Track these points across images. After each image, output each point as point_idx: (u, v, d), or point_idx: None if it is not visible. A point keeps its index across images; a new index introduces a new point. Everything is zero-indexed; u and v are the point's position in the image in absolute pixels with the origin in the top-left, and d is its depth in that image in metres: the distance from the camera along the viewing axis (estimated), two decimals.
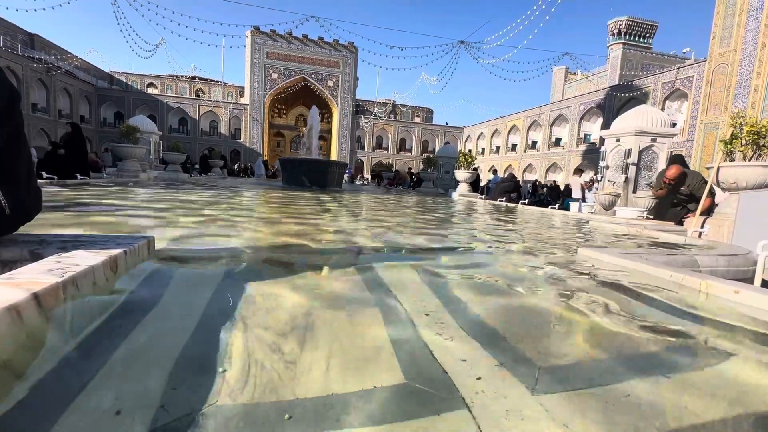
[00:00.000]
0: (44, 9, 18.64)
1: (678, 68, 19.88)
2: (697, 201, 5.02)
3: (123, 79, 38.86)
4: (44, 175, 6.79)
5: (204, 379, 0.74)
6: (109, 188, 5.97)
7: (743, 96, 14.66)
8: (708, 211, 4.89)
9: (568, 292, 1.54)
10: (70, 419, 0.61)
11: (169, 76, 39.87)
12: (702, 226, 4.55)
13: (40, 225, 2.21)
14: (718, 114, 15.61)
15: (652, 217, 5.45)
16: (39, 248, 1.35)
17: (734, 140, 4.47)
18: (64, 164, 7.42)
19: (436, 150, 31.51)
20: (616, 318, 1.25)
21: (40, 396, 0.66)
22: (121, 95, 33.91)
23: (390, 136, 40.74)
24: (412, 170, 23.07)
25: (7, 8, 19.33)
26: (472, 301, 1.35)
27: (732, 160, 4.59)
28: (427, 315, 1.16)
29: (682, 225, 4.94)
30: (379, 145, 40.90)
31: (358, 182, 28.19)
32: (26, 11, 18.59)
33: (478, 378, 0.80)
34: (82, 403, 0.65)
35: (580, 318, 1.26)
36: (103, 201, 4.14)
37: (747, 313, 1.36)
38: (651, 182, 6.68)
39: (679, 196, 5.35)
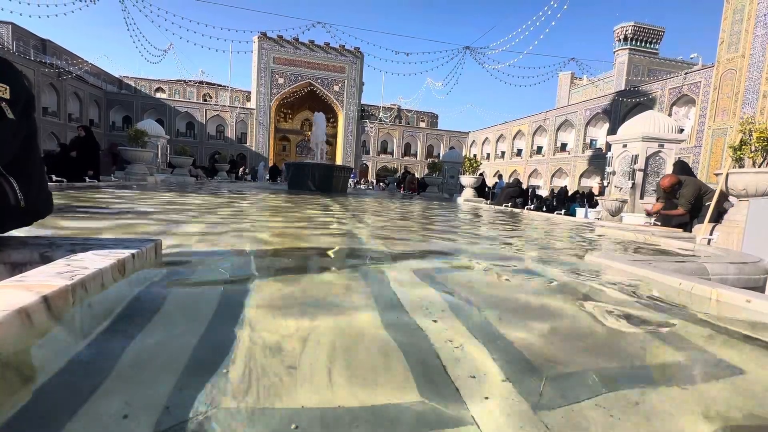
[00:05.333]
0: (56, 15, 18.98)
1: (685, 74, 19.75)
2: (700, 209, 4.98)
3: (132, 83, 39.43)
4: (54, 177, 6.88)
5: (210, 380, 0.73)
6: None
7: (752, 101, 14.52)
8: (717, 218, 4.83)
9: (574, 299, 1.52)
10: (80, 422, 0.61)
11: (177, 80, 40.38)
12: (711, 234, 4.49)
13: (48, 226, 2.24)
14: (727, 120, 15.47)
15: (659, 223, 5.40)
16: (48, 251, 1.37)
17: (743, 146, 4.42)
18: (74, 166, 7.52)
19: (441, 155, 31.51)
20: (625, 326, 1.24)
21: (49, 398, 0.66)
22: (129, 99, 34.35)
23: (395, 140, 40.80)
24: (414, 174, 22.68)
25: (20, 14, 19.71)
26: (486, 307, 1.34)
27: (741, 166, 4.53)
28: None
29: (690, 232, 4.89)
30: (384, 149, 40.97)
31: (362, 186, 28.25)
32: (39, 17, 18.95)
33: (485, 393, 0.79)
34: (91, 405, 0.65)
35: (588, 325, 1.24)
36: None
37: (760, 321, 1.34)
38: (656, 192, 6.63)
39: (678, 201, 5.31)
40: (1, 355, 0.73)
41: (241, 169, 24.08)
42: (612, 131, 20.38)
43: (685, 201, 4.98)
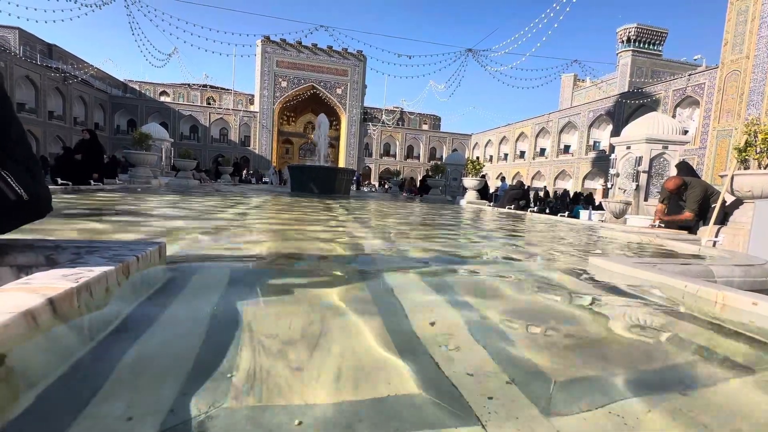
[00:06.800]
0: (63, 20, 19.19)
1: (689, 75, 19.68)
2: (707, 211, 4.92)
3: (136, 87, 39.71)
4: (59, 181, 6.93)
5: (214, 383, 0.74)
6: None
7: (757, 103, 14.43)
8: (721, 220, 4.79)
9: (577, 302, 1.51)
10: (82, 424, 0.61)
11: (181, 84, 40.64)
12: (716, 236, 4.46)
13: (53, 229, 2.26)
14: (731, 121, 15.38)
15: (663, 225, 5.36)
16: (54, 254, 1.38)
17: (748, 148, 4.39)
18: (79, 170, 7.57)
19: (444, 157, 31.49)
20: (629, 329, 1.23)
21: (53, 400, 0.67)
22: (134, 103, 34.63)
23: (398, 143, 40.86)
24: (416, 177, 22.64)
25: (27, 20, 19.97)
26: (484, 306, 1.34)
27: (746, 168, 4.51)
28: None
29: (695, 234, 4.85)
30: (386, 152, 41.02)
31: (365, 189, 28.29)
32: (45, 22, 19.19)
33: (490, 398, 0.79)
34: (94, 408, 0.65)
35: (593, 330, 1.23)
36: None
37: (766, 325, 1.32)
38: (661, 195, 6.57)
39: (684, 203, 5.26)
40: (7, 356, 0.74)
41: (244, 171, 24.22)
42: (615, 133, 20.30)
43: (693, 203, 4.90)
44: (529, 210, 9.59)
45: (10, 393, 0.68)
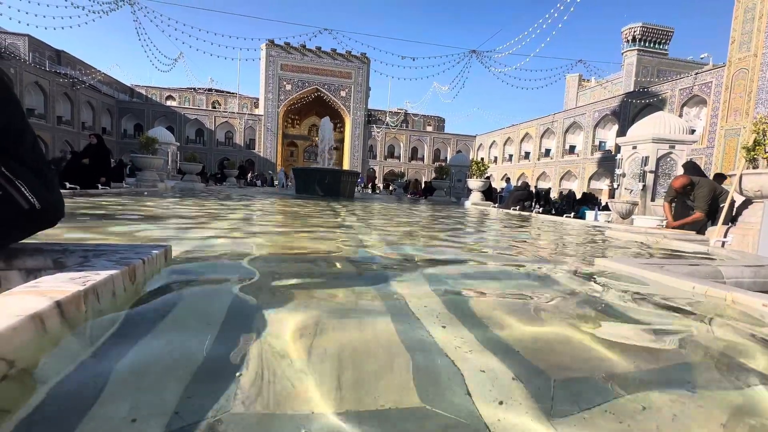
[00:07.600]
0: (71, 27, 19.48)
1: (696, 74, 19.49)
2: (716, 210, 4.85)
3: (143, 92, 40.20)
4: (67, 185, 7.01)
5: (220, 386, 0.74)
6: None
7: (765, 101, 14.27)
8: (730, 220, 4.73)
9: (583, 304, 1.50)
10: (88, 426, 0.61)
11: (187, 88, 41.06)
12: (725, 236, 4.40)
13: (61, 232, 2.28)
14: (739, 120, 15.21)
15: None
16: (62, 257, 1.39)
17: (757, 147, 4.33)
18: (87, 174, 7.66)
19: (448, 159, 31.46)
20: (634, 330, 1.21)
21: (59, 402, 0.67)
22: (141, 108, 35.03)
23: (402, 145, 40.88)
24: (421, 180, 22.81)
25: (36, 26, 20.29)
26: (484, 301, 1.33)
27: (755, 167, 4.44)
28: None
29: (703, 234, 4.79)
30: (391, 154, 41.07)
31: (369, 191, 28.30)
32: (54, 29, 19.47)
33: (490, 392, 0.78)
34: (100, 410, 0.65)
35: (597, 329, 1.22)
36: None
37: None
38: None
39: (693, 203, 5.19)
40: (16, 359, 0.75)
41: (249, 174, 24.40)
42: (621, 133, 20.17)
43: (702, 202, 4.82)
44: (533, 211, 9.55)
45: (18, 394, 0.69)
